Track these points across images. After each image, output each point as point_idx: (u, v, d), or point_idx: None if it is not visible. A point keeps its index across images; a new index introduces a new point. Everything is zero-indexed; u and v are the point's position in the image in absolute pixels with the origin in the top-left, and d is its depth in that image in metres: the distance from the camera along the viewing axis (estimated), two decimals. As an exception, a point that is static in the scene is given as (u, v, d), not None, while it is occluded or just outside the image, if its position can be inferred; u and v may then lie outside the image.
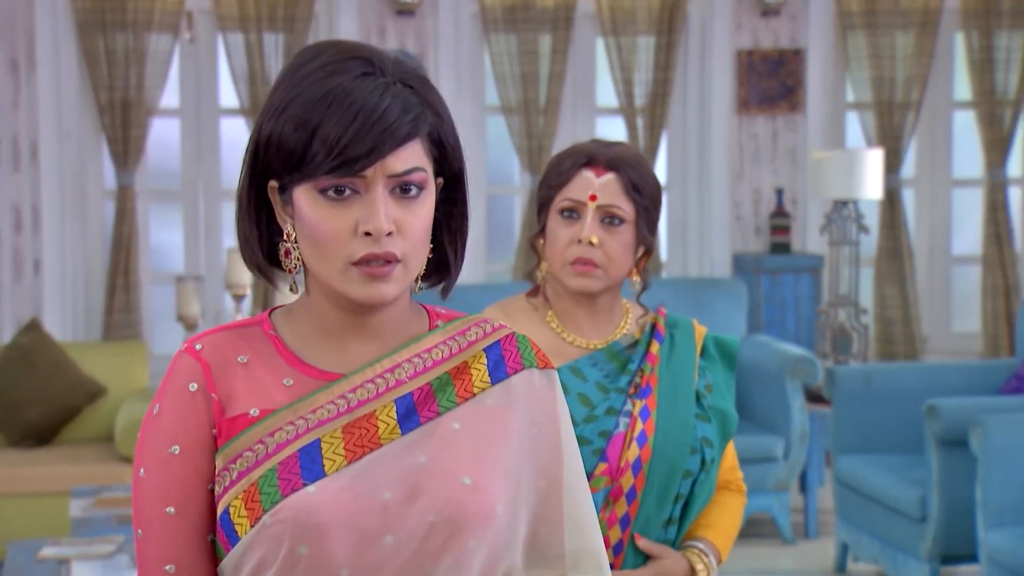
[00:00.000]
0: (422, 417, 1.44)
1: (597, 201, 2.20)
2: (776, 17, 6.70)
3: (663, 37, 6.53)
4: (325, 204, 1.40)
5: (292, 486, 1.39)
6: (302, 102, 1.39)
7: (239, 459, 1.41)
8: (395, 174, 1.40)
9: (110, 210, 6.30)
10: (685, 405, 2.19)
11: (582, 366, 2.21)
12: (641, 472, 2.14)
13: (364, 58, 1.41)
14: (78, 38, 6.16)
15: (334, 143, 1.37)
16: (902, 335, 6.69)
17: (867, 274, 6.77)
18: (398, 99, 1.39)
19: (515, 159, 6.56)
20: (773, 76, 6.71)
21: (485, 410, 1.47)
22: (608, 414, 2.17)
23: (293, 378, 1.45)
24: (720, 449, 2.22)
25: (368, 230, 1.39)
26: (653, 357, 2.23)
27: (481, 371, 1.49)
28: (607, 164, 2.21)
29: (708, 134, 6.68)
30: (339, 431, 1.42)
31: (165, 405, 1.46)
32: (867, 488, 4.81)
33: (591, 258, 2.19)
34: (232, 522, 1.41)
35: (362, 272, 1.40)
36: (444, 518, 1.40)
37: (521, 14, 6.43)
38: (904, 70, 6.68)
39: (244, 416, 1.43)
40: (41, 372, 5.37)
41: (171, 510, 1.44)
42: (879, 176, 6.03)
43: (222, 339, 1.48)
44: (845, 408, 5.00)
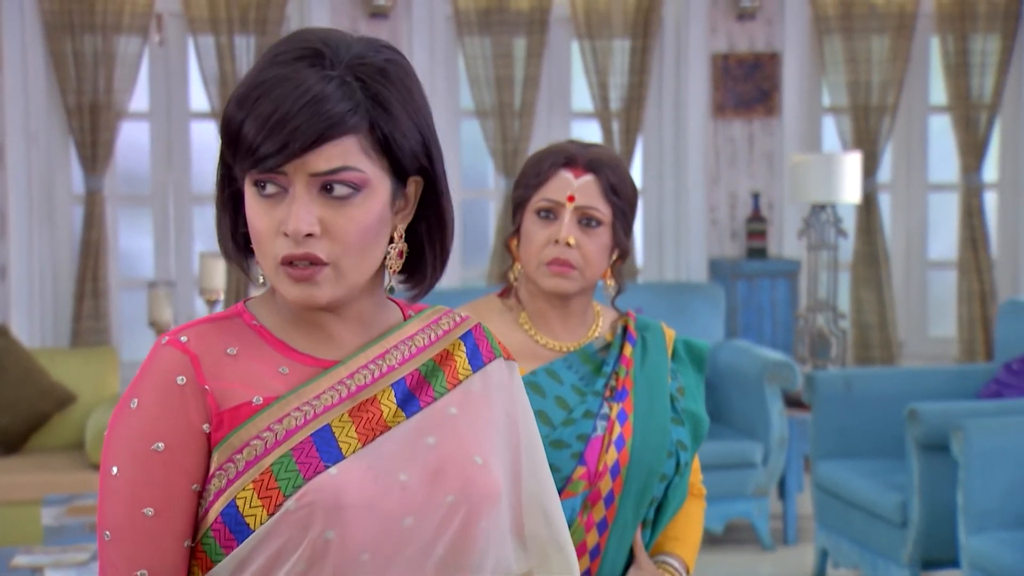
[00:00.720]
0: (421, 401, 1.44)
1: (575, 202, 2.19)
2: (751, 21, 6.73)
3: (638, 40, 6.55)
4: (258, 200, 1.38)
5: (314, 469, 1.36)
6: (247, 85, 1.36)
7: (246, 448, 1.37)
8: (318, 172, 1.35)
9: (78, 215, 6.26)
10: (661, 408, 2.20)
11: (557, 369, 2.21)
12: (619, 476, 2.14)
13: (317, 49, 1.37)
14: (46, 40, 6.13)
15: (258, 131, 1.34)
16: (879, 340, 6.73)
17: (844, 279, 6.80)
18: (334, 92, 1.34)
19: (490, 163, 6.57)
20: (749, 80, 6.74)
21: (472, 396, 1.48)
22: (585, 417, 2.17)
23: (288, 366, 1.42)
24: (692, 452, 2.23)
25: (285, 231, 1.36)
26: (627, 360, 2.23)
27: (462, 359, 1.50)
28: (586, 165, 2.21)
29: (684, 138, 6.70)
30: (347, 415, 1.40)
31: (147, 399, 1.39)
32: (847, 493, 4.83)
33: (567, 259, 2.19)
34: (242, 514, 1.35)
35: (286, 273, 1.38)
36: (462, 497, 1.41)
37: (495, 17, 6.44)
38: (880, 74, 6.72)
39: (247, 404, 1.38)
40: (10, 379, 5.32)
41: (149, 511, 1.37)
42: (857, 180, 6.06)
43: (206, 331, 1.43)
44: (825, 413, 5.02)
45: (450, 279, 6.54)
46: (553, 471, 2.09)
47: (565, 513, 2.11)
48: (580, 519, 2.13)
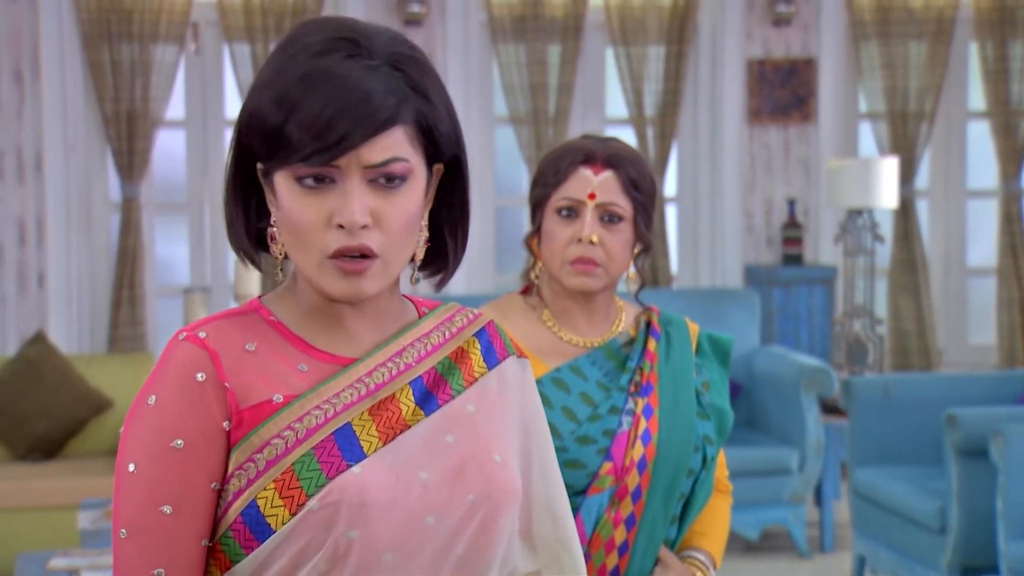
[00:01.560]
0: (439, 400, 1.44)
1: (596, 199, 2.20)
2: (787, 26, 6.74)
3: (673, 46, 6.58)
4: (301, 193, 1.36)
5: (337, 468, 1.35)
6: (284, 81, 1.35)
7: (266, 447, 1.36)
8: (372, 164, 1.35)
9: (115, 222, 6.34)
10: (687, 403, 2.20)
11: (582, 365, 2.22)
12: (646, 471, 2.15)
13: (352, 39, 1.36)
14: (83, 49, 6.21)
15: (307, 128, 1.33)
16: (917, 347, 6.71)
17: (881, 286, 6.79)
18: (381, 84, 1.34)
19: (524, 170, 6.60)
20: (785, 86, 6.75)
21: (488, 394, 1.48)
22: (611, 412, 2.17)
23: (307, 363, 1.41)
24: (718, 447, 2.23)
25: (341, 222, 1.35)
26: (651, 355, 2.23)
27: (477, 356, 1.49)
28: (605, 161, 2.21)
29: (719, 144, 6.72)
30: (366, 414, 1.39)
31: (165, 396, 1.37)
32: (885, 500, 4.82)
33: (591, 257, 2.19)
34: (263, 514, 1.34)
35: (336, 266, 1.37)
36: (483, 496, 1.41)
37: (530, 23, 6.48)
38: (918, 80, 6.72)
39: (268, 403, 1.37)
40: (47, 385, 5.39)
41: (167, 509, 1.35)
42: (894, 185, 6.06)
43: (225, 326, 1.42)
44: (862, 419, 5.02)
45: (483, 285, 6.58)
46: (579, 467, 2.13)
47: (592, 509, 2.12)
48: (608, 515, 2.13)
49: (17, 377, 5.38)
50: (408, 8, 6.36)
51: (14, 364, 5.42)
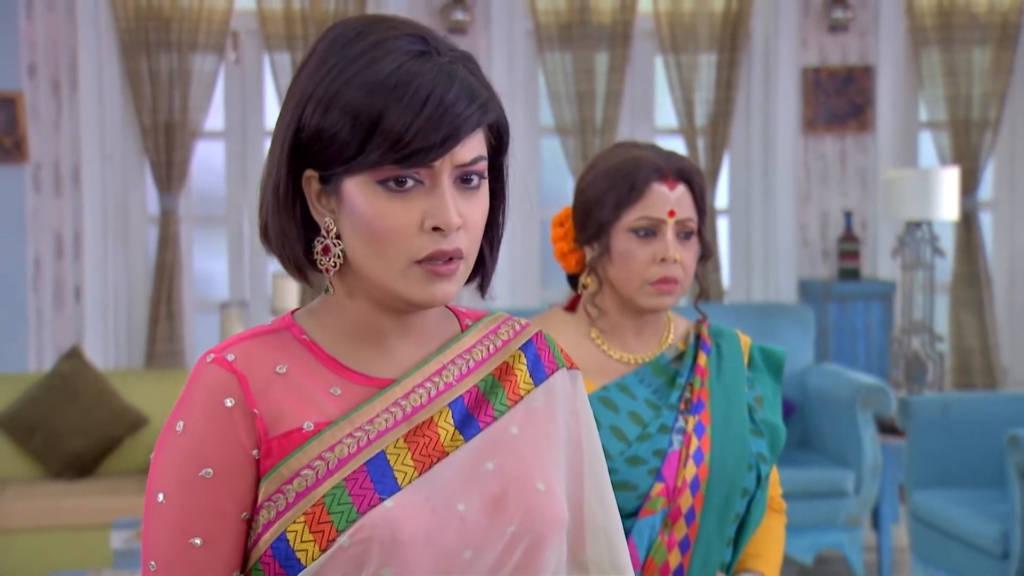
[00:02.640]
0: (480, 422, 1.40)
1: (675, 216, 2.18)
2: (844, 33, 6.68)
3: (725, 54, 6.53)
4: (385, 196, 1.33)
5: (368, 502, 1.32)
6: (359, 86, 1.32)
7: (296, 478, 1.33)
8: (463, 164, 1.34)
9: (153, 235, 6.37)
10: (739, 420, 2.17)
11: (629, 383, 2.19)
12: (699, 491, 2.12)
13: (417, 35, 1.35)
14: (121, 59, 6.25)
15: (403, 133, 1.30)
16: (980, 365, 6.61)
17: (942, 301, 6.71)
18: (464, 84, 1.33)
19: (570, 181, 6.57)
20: (841, 94, 6.69)
21: (534, 412, 1.44)
22: (661, 432, 2.14)
23: (340, 386, 1.38)
24: (771, 465, 2.20)
25: (438, 224, 1.33)
26: (702, 370, 2.20)
27: (523, 372, 1.46)
28: (676, 175, 2.19)
29: (773, 155, 6.66)
30: (402, 440, 1.36)
31: (193, 422, 1.35)
32: (945, 524, 4.75)
33: (675, 276, 2.17)
34: (292, 549, 1.32)
35: (426, 270, 1.34)
36: (524, 528, 1.36)
37: (577, 31, 6.46)
38: (981, 87, 6.64)
39: (298, 431, 1.34)
40: (82, 402, 5.42)
41: (198, 541, 1.34)
42: (955, 196, 5.98)
43: (254, 347, 1.38)
44: (921, 439, 4.95)
45: (528, 299, 6.56)
46: (630, 488, 2.10)
47: (645, 532, 2.09)
48: (661, 538, 2.10)
49: (51, 393, 5.42)
50: (452, 16, 6.36)
51: (49, 380, 5.45)
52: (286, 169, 1.37)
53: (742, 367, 2.23)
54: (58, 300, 6.26)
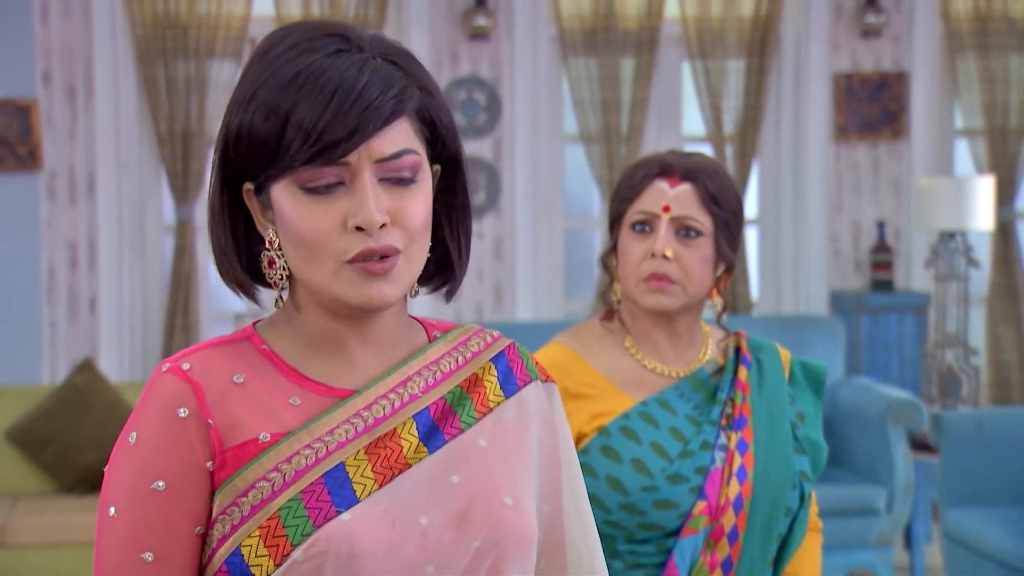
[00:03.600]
0: (446, 434, 1.38)
1: (671, 212, 2.15)
2: (877, 38, 6.64)
3: (754, 60, 6.50)
4: (307, 200, 1.31)
5: (324, 514, 1.30)
6: (271, 87, 1.31)
7: (251, 491, 1.31)
8: (383, 158, 1.31)
9: (169, 245, 6.38)
10: (783, 436, 2.15)
11: (669, 398, 2.17)
12: (743, 510, 2.09)
13: (338, 34, 1.34)
14: (138, 66, 6.27)
15: (310, 128, 1.29)
16: (1019, 380, 6.55)
17: (979, 314, 6.64)
18: (379, 74, 1.31)
19: (595, 191, 6.55)
20: (874, 101, 6.65)
21: (504, 425, 1.42)
22: (703, 448, 2.12)
23: (300, 396, 1.36)
24: (813, 483, 2.18)
25: (359, 224, 1.31)
26: (743, 384, 2.18)
27: (493, 383, 1.44)
28: (683, 174, 2.17)
29: (803, 163, 6.62)
30: (362, 452, 1.34)
31: (146, 433, 1.33)
32: (979, 543, 4.69)
33: (666, 272, 2.14)
34: (247, 564, 1.30)
35: (358, 270, 1.32)
36: (490, 543, 1.35)
37: (602, 37, 6.43)
38: (1019, 94, 6.58)
39: (253, 442, 1.32)
40: (95, 414, 5.42)
41: (148, 556, 1.32)
42: (990, 205, 5.93)
43: (211, 356, 1.37)
44: (954, 456, 4.89)
45: (552, 311, 6.53)
46: (671, 507, 2.08)
47: (687, 552, 2.08)
48: (703, 559, 2.08)
49: (64, 406, 5.42)
50: (474, 22, 6.35)
51: (61, 393, 5.45)
52: (218, 181, 1.37)
53: (783, 382, 2.20)
54: (72, 311, 6.27)
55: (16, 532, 5.03)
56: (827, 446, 2.23)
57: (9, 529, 5.02)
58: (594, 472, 2.09)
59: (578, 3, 6.44)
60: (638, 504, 2.08)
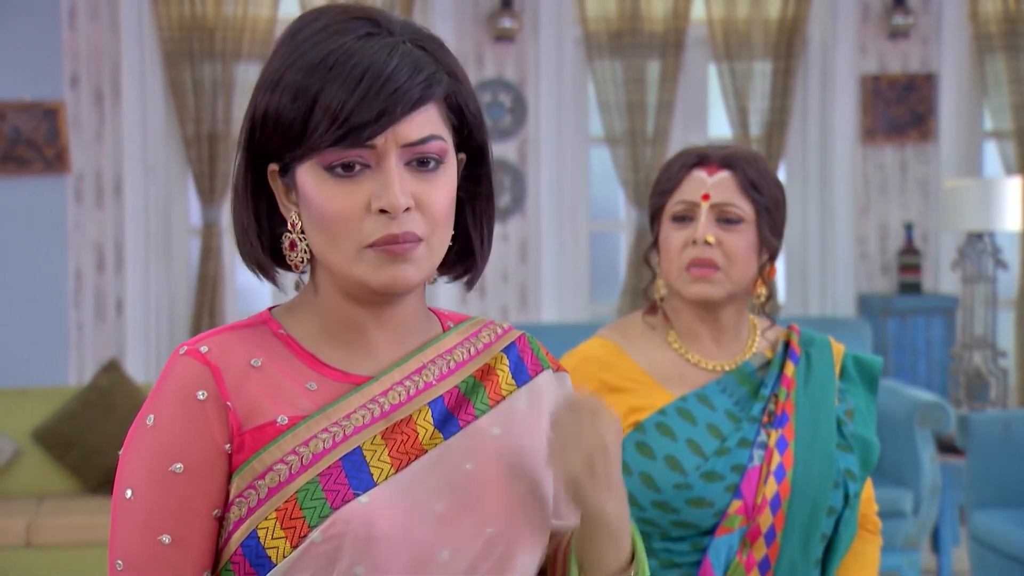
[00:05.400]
0: (461, 421, 1.39)
1: (711, 200, 2.12)
2: (905, 39, 6.61)
3: (781, 62, 6.48)
4: (332, 182, 1.32)
5: (342, 497, 1.30)
6: (299, 68, 1.31)
7: (269, 473, 1.31)
8: (409, 143, 1.31)
9: (195, 247, 6.40)
10: (826, 434, 2.09)
11: (710, 393, 2.13)
12: (780, 510, 2.04)
13: (368, 18, 1.34)
14: (164, 68, 6.30)
15: (338, 110, 1.29)
16: (1047, 384, 6.50)
17: (1007, 317, 6.60)
18: (407, 59, 1.31)
19: (621, 193, 6.54)
20: (902, 103, 6.61)
21: (518, 414, 1.43)
22: (741, 446, 2.08)
23: (316, 381, 1.36)
24: (862, 481, 2.12)
25: (383, 207, 1.30)
26: (788, 380, 2.13)
27: (505, 373, 1.44)
28: (720, 162, 2.14)
29: (830, 165, 6.59)
30: (379, 437, 1.34)
31: (164, 416, 1.33)
32: (1007, 546, 4.66)
33: (709, 258, 2.11)
34: (263, 546, 1.30)
35: (379, 253, 1.32)
36: (502, 530, 1.35)
37: (628, 39, 6.42)
38: (1048, 95, 6.53)
39: (271, 425, 1.33)
40: (120, 416, 5.44)
41: (166, 539, 1.31)
42: (1018, 206, 5.89)
43: (229, 340, 1.37)
44: (981, 459, 4.86)
45: (578, 314, 6.52)
46: (706, 505, 2.04)
47: (722, 551, 2.04)
48: (739, 558, 2.04)
49: (89, 407, 5.45)
50: (499, 24, 6.35)
51: (86, 394, 5.48)
52: (243, 162, 1.37)
53: (832, 377, 2.15)
54: (99, 313, 6.30)
55: (42, 532, 5.05)
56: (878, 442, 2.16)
57: (35, 529, 5.05)
58: (628, 469, 2.06)
59: (604, 5, 6.43)
60: (671, 501, 2.05)
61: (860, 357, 2.20)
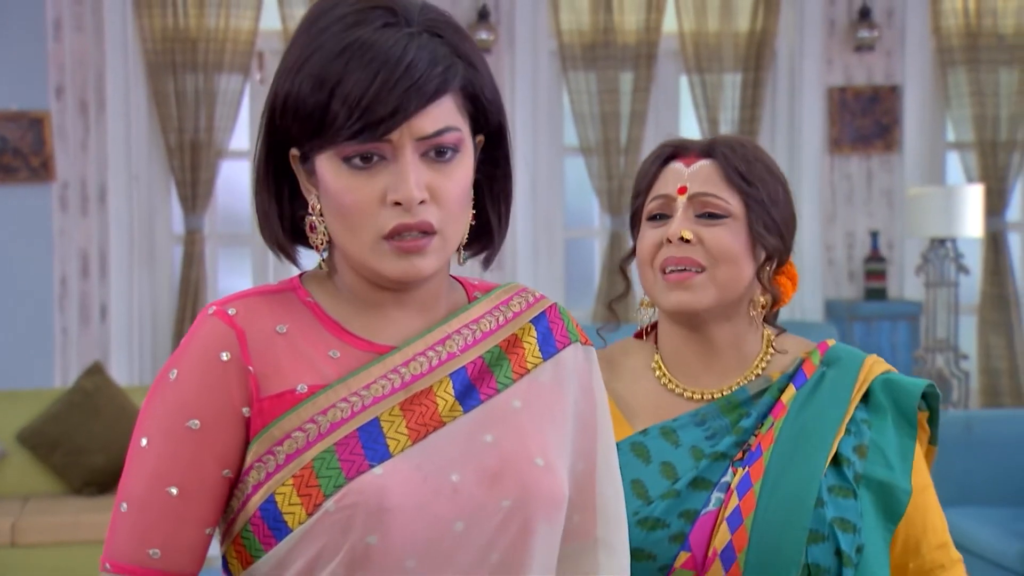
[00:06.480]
0: (482, 394, 1.37)
1: (688, 192, 1.77)
2: (870, 53, 6.67)
3: (750, 74, 6.53)
4: (349, 173, 1.31)
5: (357, 468, 1.29)
6: (319, 58, 1.30)
7: (287, 440, 1.31)
8: (425, 136, 1.31)
9: (178, 254, 6.41)
10: (806, 473, 1.69)
11: (679, 427, 1.77)
12: (735, 565, 1.67)
13: (386, 7, 1.32)
14: (148, 79, 6.31)
15: (354, 104, 1.28)
16: (1009, 387, 6.56)
17: (969, 322, 6.66)
18: (425, 50, 1.30)
19: (595, 201, 6.57)
20: (867, 114, 6.67)
21: (540, 387, 1.40)
22: (695, 488, 1.72)
23: (340, 350, 1.35)
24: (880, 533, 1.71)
25: (398, 199, 1.30)
26: (781, 408, 1.75)
27: (532, 345, 1.42)
28: (700, 151, 1.80)
29: (798, 175, 6.65)
30: (397, 408, 1.33)
31: (186, 372, 1.33)
32: (967, 543, 4.70)
33: (687, 256, 1.75)
34: (280, 511, 1.30)
35: (394, 246, 1.32)
36: (519, 502, 1.33)
37: (601, 52, 6.47)
38: (1009, 108, 6.60)
39: (291, 392, 1.32)
40: (104, 417, 5.45)
41: (174, 491, 1.31)
42: (979, 213, 5.95)
43: (257, 304, 1.36)
44: (943, 457, 4.89)
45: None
46: (645, 558, 1.70)
47: None
48: None
49: (73, 409, 5.45)
50: (476, 35, 6.38)
51: (70, 396, 5.48)
52: (264, 145, 1.37)
53: (844, 403, 1.74)
54: (84, 318, 6.30)
55: (26, 532, 5.05)
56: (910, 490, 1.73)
57: (20, 529, 5.04)
58: None
59: (578, 18, 6.47)
60: None
61: (896, 380, 1.78)
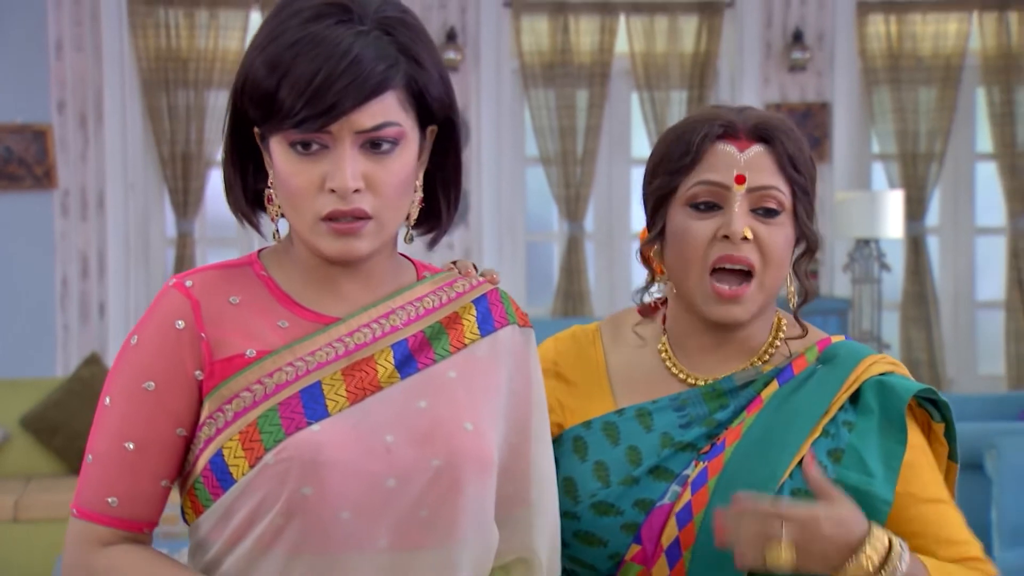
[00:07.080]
0: (419, 363, 1.37)
1: (746, 184, 1.51)
2: (803, 72, 6.73)
3: (695, 91, 6.57)
4: (294, 158, 1.32)
5: (296, 424, 1.31)
6: (275, 47, 1.30)
7: (235, 399, 1.32)
8: (363, 130, 1.30)
9: (171, 256, 6.40)
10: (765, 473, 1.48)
11: (657, 409, 1.56)
12: (680, 562, 1.49)
13: (343, 5, 1.31)
14: (143, 95, 6.30)
15: (299, 95, 1.28)
16: (928, 377, 6.62)
17: (893, 317, 6.73)
18: (371, 48, 1.29)
19: (554, 208, 6.60)
20: (800, 128, 6.64)
21: (476, 360, 1.40)
22: (654, 477, 1.52)
23: (288, 320, 1.36)
24: None
25: (333, 187, 1.30)
26: (758, 403, 1.54)
27: (471, 322, 1.42)
28: (751, 133, 1.53)
29: (738, 183, 6.69)
30: (339, 374, 1.34)
31: (145, 338, 1.35)
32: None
33: (744, 257, 1.50)
34: (227, 464, 1.32)
35: (331, 228, 1.32)
36: (448, 463, 1.33)
37: (559, 70, 6.50)
38: (927, 123, 6.67)
39: (240, 356, 1.34)
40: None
41: (130, 445, 1.34)
42: (900, 216, 6.02)
43: (213, 277, 1.38)
44: (867, 437, 4.96)
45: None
46: (597, 544, 1.53)
47: None
48: None
49: (72, 396, 5.44)
50: (444, 55, 6.40)
51: (70, 384, 5.47)
52: (230, 121, 1.38)
53: (824, 403, 1.52)
54: (83, 316, 6.29)
55: (28, 509, 5.03)
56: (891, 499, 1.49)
57: (22, 506, 5.03)
58: None
59: (538, 40, 6.50)
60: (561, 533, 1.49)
61: (887, 382, 1.54)
